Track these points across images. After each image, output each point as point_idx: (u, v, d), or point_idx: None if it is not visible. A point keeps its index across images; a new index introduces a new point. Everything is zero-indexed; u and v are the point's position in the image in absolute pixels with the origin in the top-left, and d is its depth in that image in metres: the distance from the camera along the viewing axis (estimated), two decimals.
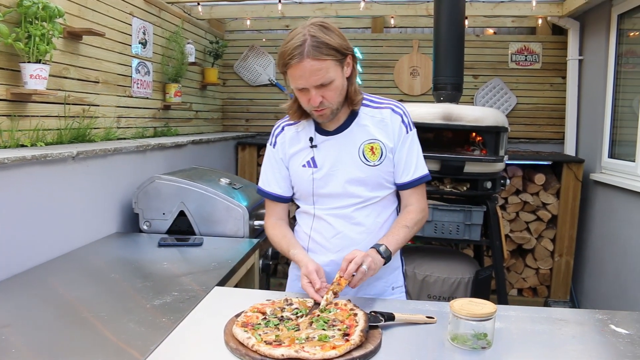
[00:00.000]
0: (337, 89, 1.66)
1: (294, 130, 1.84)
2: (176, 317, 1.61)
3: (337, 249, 1.81)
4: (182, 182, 2.87)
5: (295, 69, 1.59)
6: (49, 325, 1.58)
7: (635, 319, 1.61)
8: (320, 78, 1.60)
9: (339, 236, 1.81)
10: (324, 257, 1.84)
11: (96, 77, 3.05)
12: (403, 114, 1.81)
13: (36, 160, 2.15)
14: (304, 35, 1.58)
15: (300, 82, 1.61)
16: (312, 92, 1.62)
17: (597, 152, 4.30)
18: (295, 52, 1.56)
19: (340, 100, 1.70)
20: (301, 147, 1.81)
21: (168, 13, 4.03)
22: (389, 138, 1.78)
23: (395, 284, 1.92)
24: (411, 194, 1.83)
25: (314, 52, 1.57)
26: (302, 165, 1.80)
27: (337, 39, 1.62)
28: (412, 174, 1.80)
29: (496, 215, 3.24)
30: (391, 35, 5.35)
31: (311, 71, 1.58)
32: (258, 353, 1.27)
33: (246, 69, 5.49)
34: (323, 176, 1.77)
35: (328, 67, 1.60)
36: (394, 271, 1.92)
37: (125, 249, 2.60)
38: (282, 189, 1.88)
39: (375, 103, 1.82)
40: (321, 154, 1.78)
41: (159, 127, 3.93)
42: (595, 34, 4.38)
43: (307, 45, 1.56)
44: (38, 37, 2.30)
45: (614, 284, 3.87)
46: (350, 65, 1.70)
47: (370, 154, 1.76)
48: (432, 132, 3.38)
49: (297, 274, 1.94)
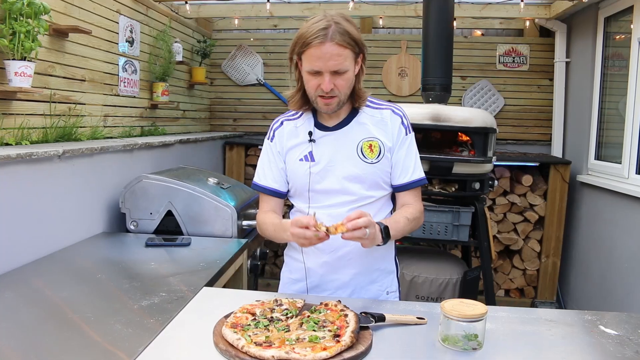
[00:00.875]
0: (349, 81, 1.69)
1: (292, 125, 1.85)
2: (164, 318, 1.59)
3: (331, 249, 1.80)
4: (170, 181, 2.84)
5: (316, 49, 1.61)
6: (35, 327, 1.56)
7: (624, 319, 1.62)
8: (338, 64, 1.63)
9: (333, 237, 1.79)
10: (318, 258, 1.83)
11: (82, 76, 3.01)
12: (403, 116, 1.84)
13: (21, 159, 2.12)
14: (328, 21, 1.61)
15: (318, 64, 1.62)
16: (326, 77, 1.64)
17: (583, 154, 4.33)
18: (319, 33, 1.60)
19: (347, 93, 1.72)
20: (299, 142, 1.81)
21: (155, 11, 3.99)
22: (388, 137, 1.79)
23: (390, 289, 1.91)
24: (408, 195, 1.83)
25: (338, 38, 1.60)
26: (299, 159, 1.80)
27: (357, 33, 1.67)
28: (410, 175, 1.81)
29: (484, 216, 3.26)
30: (379, 36, 5.35)
31: (331, 55, 1.61)
32: (248, 354, 1.25)
33: (234, 68, 5.46)
34: (320, 171, 1.77)
35: (346, 56, 1.64)
36: (388, 275, 1.91)
37: (112, 249, 2.57)
38: (278, 184, 1.86)
39: (375, 104, 1.84)
40: (319, 148, 1.78)
41: (146, 127, 3.90)
42: (582, 37, 4.42)
43: (332, 30, 1.60)
44: (23, 34, 2.26)
45: (600, 284, 3.91)
46: (360, 64, 1.73)
47: (368, 151, 1.77)
48: (421, 133, 3.39)
49: (290, 277, 1.93)
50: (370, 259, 1.83)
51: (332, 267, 1.82)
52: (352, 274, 1.83)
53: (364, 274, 1.84)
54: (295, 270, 1.91)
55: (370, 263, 1.84)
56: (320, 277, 1.84)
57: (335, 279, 1.83)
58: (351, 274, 1.83)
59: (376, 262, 1.86)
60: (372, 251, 1.79)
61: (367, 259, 1.82)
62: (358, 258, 1.81)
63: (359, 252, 1.79)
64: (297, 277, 1.90)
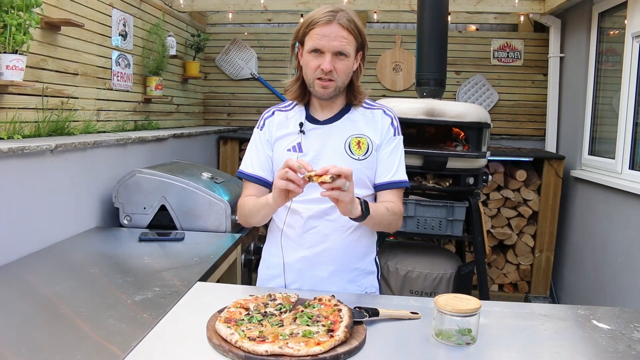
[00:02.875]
0: (348, 67, 1.72)
1: (284, 115, 1.86)
2: (158, 313, 1.59)
3: (309, 244, 1.80)
4: (163, 176, 2.83)
5: (322, 27, 1.66)
6: (27, 322, 1.55)
7: (616, 314, 1.63)
8: (342, 45, 1.67)
9: (313, 231, 1.79)
10: (296, 253, 1.83)
11: (75, 69, 2.99)
12: (393, 117, 1.86)
13: (13, 153, 2.10)
14: (336, 8, 1.68)
15: (322, 42, 1.66)
16: (327, 56, 1.67)
17: (577, 149, 4.35)
18: (327, 14, 1.66)
19: (345, 81, 1.75)
20: (289, 132, 1.82)
21: (149, 5, 3.97)
22: (377, 135, 1.80)
23: (370, 290, 1.90)
24: (389, 195, 1.81)
25: (345, 22, 1.67)
26: (287, 149, 1.80)
27: (362, 27, 1.74)
28: (392, 175, 1.81)
29: (478, 211, 3.26)
30: (374, 31, 5.35)
31: (336, 35, 1.66)
32: (242, 349, 1.25)
33: (228, 62, 5.44)
34: (307, 162, 1.75)
35: (349, 41, 1.69)
36: (368, 276, 1.90)
37: (105, 244, 2.56)
38: (264, 172, 1.85)
39: (368, 104, 1.87)
40: (308, 141, 1.79)
41: (140, 121, 3.88)
42: (576, 32, 4.42)
43: (340, 14, 1.67)
44: (14, 26, 2.24)
45: (593, 279, 3.93)
46: (359, 61, 1.78)
47: (356, 147, 1.77)
48: (415, 128, 3.39)
49: (267, 273, 1.92)
50: (349, 257, 1.83)
51: (310, 262, 1.81)
52: (330, 271, 1.82)
53: (342, 272, 1.83)
54: (273, 266, 1.89)
55: (349, 262, 1.83)
56: (297, 272, 1.83)
57: (313, 275, 1.82)
58: (329, 270, 1.82)
59: (355, 261, 1.85)
60: (350, 249, 1.81)
61: (346, 256, 1.82)
62: (337, 255, 1.80)
63: (338, 249, 1.79)
64: (274, 273, 1.89)
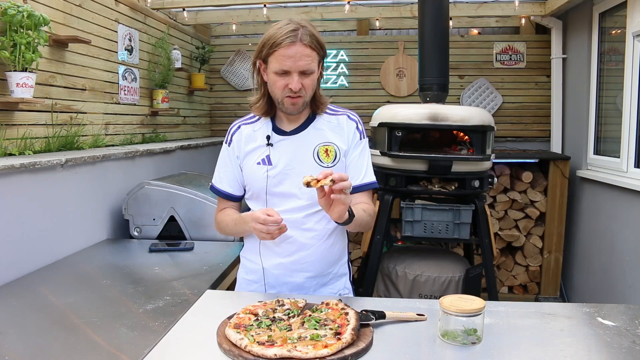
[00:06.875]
0: (313, 82, 1.75)
1: (250, 129, 1.88)
2: (168, 321, 1.62)
3: (287, 253, 1.84)
4: (172, 187, 2.87)
5: (286, 49, 1.65)
6: (41, 332, 1.58)
7: (621, 311, 1.64)
8: (307, 65, 1.68)
9: (289, 241, 1.82)
10: (273, 260, 1.87)
11: (83, 85, 3.04)
12: (358, 121, 1.89)
13: (25, 168, 2.15)
14: (295, 25, 1.68)
15: (288, 63, 1.67)
16: (294, 76, 1.68)
17: (582, 149, 4.35)
18: (289, 34, 1.65)
19: (311, 94, 1.77)
20: (257, 145, 1.84)
21: (153, 19, 4.03)
22: (343, 141, 1.84)
23: (343, 292, 1.93)
24: (362, 197, 1.85)
25: (308, 39, 1.67)
26: (257, 162, 1.82)
27: (321, 38, 1.73)
28: (362, 178, 1.85)
29: (485, 214, 3.27)
30: (377, 37, 5.38)
31: (301, 55, 1.67)
32: (251, 353, 1.28)
33: (233, 73, 5.49)
34: (277, 174, 1.79)
35: (313, 58, 1.70)
36: (340, 278, 1.95)
37: (116, 255, 2.60)
38: (233, 188, 1.90)
39: (332, 111, 1.90)
40: (277, 152, 1.81)
41: (147, 133, 3.93)
42: (577, 33, 4.44)
43: (301, 32, 1.67)
44: (24, 45, 2.30)
45: (602, 278, 3.92)
46: (320, 70, 1.79)
47: (324, 155, 1.81)
48: (420, 133, 3.41)
49: (246, 279, 1.96)
50: (324, 263, 1.87)
51: (287, 269, 1.86)
52: (305, 277, 1.86)
53: (317, 277, 1.88)
54: (252, 272, 1.93)
55: (324, 268, 1.88)
56: (275, 278, 1.88)
57: (289, 281, 1.87)
58: (304, 277, 1.86)
59: (329, 266, 1.90)
60: (325, 256, 1.86)
61: (322, 263, 1.87)
62: (313, 262, 1.85)
63: (314, 257, 1.84)
64: (253, 279, 1.93)
